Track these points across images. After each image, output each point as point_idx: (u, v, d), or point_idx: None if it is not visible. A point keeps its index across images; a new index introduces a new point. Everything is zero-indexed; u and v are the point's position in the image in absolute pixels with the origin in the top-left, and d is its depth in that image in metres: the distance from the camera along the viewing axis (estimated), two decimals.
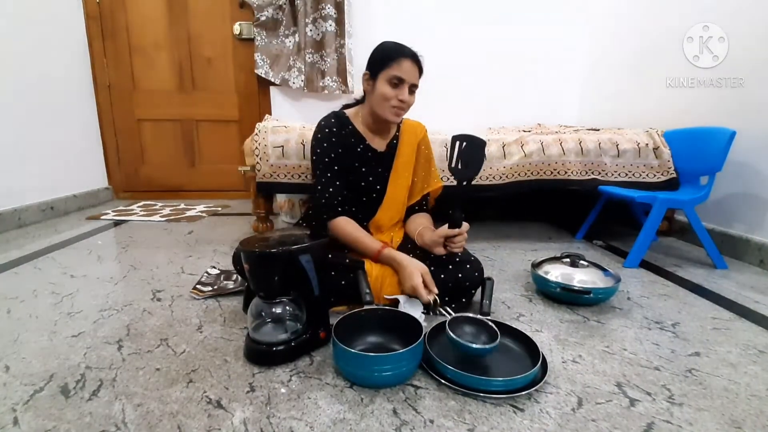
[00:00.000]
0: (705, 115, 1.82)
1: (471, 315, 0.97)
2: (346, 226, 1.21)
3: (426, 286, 1.08)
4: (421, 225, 1.28)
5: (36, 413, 0.74)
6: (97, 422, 0.72)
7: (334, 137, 1.25)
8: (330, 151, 1.24)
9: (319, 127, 1.27)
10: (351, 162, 1.27)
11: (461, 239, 1.12)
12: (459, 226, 1.11)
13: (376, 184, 1.30)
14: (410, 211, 1.37)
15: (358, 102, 1.36)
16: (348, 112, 1.32)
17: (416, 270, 1.09)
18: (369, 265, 1.14)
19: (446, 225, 1.13)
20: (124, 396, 0.79)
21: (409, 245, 1.28)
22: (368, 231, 1.28)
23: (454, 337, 0.87)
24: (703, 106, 1.86)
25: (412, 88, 1.20)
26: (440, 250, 1.15)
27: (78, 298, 1.24)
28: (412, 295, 1.09)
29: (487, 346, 0.86)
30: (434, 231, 1.18)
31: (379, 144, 1.31)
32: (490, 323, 0.93)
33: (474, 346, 0.86)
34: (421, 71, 1.21)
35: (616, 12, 2.56)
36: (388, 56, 1.17)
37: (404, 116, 1.30)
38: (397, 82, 1.17)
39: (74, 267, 1.51)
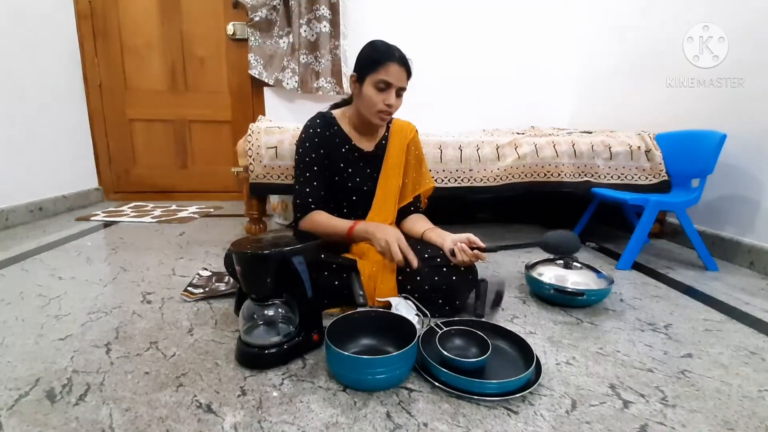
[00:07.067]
0: (697, 118, 1.84)
1: (462, 327, 0.95)
2: (318, 217, 1.20)
3: (402, 251, 1.05)
4: (427, 228, 1.27)
5: (21, 419, 0.72)
6: (84, 427, 0.70)
7: (317, 138, 1.24)
8: (310, 152, 1.23)
9: (305, 128, 1.27)
10: (337, 163, 1.26)
11: (479, 257, 1.12)
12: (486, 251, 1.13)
13: (363, 185, 1.28)
14: (403, 212, 1.35)
15: (346, 102, 1.35)
16: (335, 112, 1.31)
17: (391, 233, 1.07)
18: (361, 265, 1.12)
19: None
20: (112, 400, 0.77)
21: None
22: None
23: (444, 352, 0.86)
24: (695, 109, 1.87)
25: (400, 91, 1.18)
26: (449, 245, 1.12)
27: (66, 301, 1.22)
28: (386, 257, 1.08)
29: (475, 360, 0.85)
30: (456, 235, 1.15)
31: (366, 145, 1.29)
32: (480, 333, 0.91)
33: (464, 360, 0.85)
34: (409, 74, 1.18)
35: (611, 13, 2.57)
36: (376, 59, 1.14)
37: (393, 116, 1.28)
38: (384, 87, 1.14)
39: (62, 269, 1.49)
